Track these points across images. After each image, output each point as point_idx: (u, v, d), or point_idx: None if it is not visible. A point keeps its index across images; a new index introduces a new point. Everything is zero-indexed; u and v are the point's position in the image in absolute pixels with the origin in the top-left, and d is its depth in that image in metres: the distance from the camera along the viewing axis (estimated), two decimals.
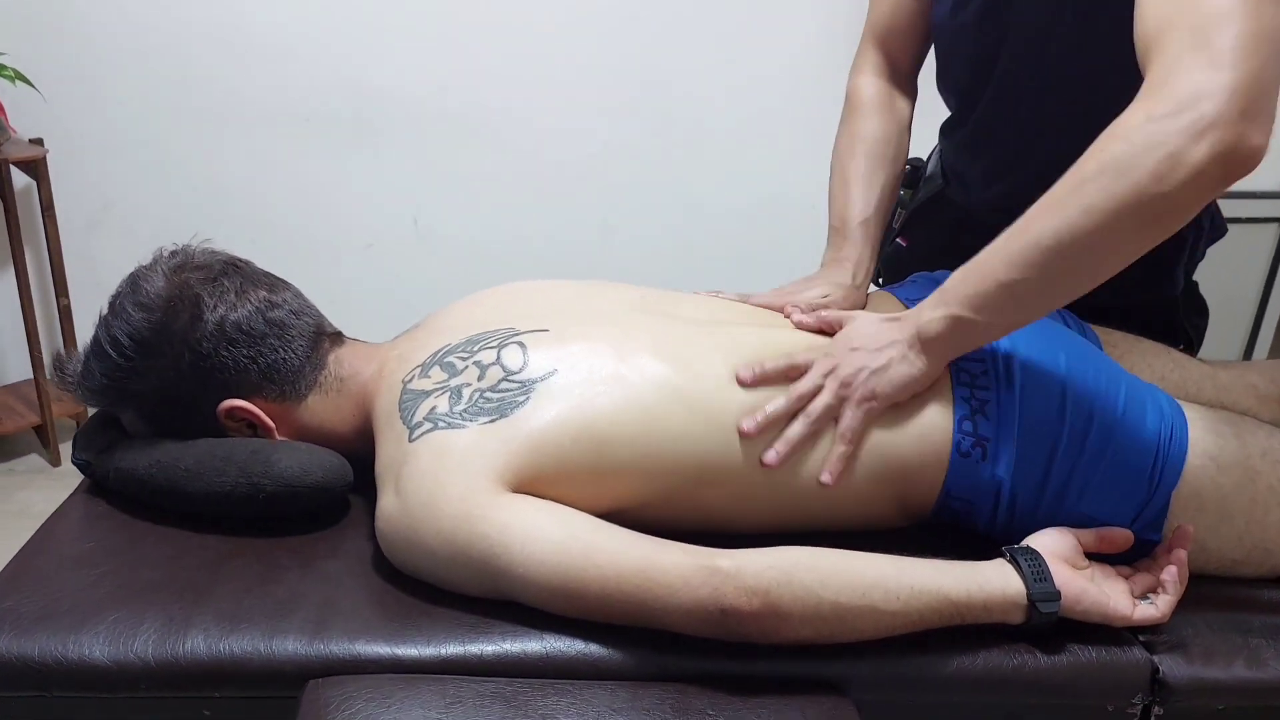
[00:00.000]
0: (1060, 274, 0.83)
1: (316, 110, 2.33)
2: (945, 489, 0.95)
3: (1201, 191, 0.76)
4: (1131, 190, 0.77)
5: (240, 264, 1.02)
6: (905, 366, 0.92)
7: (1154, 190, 0.76)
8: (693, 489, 0.92)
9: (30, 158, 2.15)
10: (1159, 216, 0.78)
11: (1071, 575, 0.86)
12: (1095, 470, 0.93)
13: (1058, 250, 0.81)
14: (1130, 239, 0.80)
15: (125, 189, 2.36)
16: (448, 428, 0.87)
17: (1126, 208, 0.77)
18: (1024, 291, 0.85)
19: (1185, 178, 0.75)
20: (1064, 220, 0.80)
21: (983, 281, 0.87)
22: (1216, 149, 0.74)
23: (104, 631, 0.82)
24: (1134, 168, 0.76)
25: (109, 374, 0.96)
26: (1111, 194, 0.77)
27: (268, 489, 0.92)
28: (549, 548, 0.81)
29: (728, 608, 0.79)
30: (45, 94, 2.17)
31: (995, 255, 0.86)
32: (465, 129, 2.39)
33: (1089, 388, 0.95)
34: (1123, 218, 0.78)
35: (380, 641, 0.83)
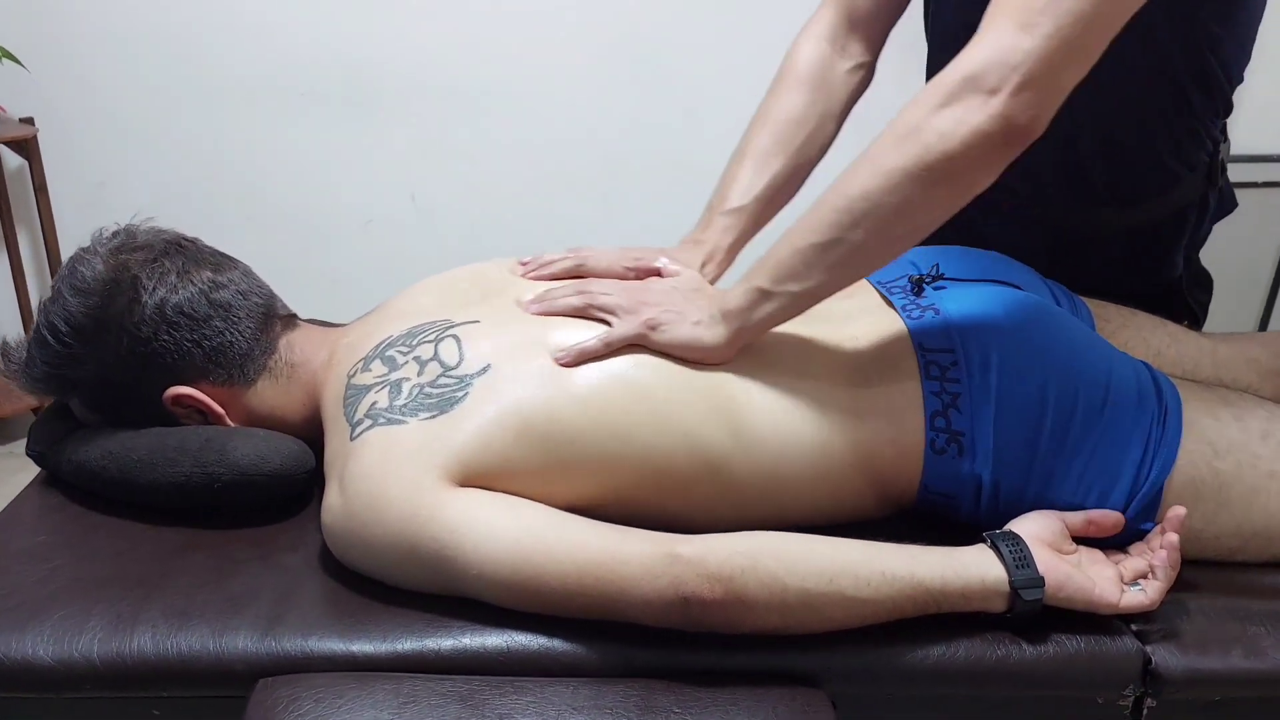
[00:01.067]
0: (859, 235, 0.82)
1: (312, 86, 2.29)
2: (923, 484, 0.91)
3: (986, 153, 0.77)
4: (919, 149, 0.77)
5: (186, 243, 0.98)
6: (700, 329, 0.89)
7: (939, 149, 0.76)
8: (653, 493, 0.88)
9: (21, 137, 2.12)
10: (948, 176, 0.78)
11: (1055, 561, 0.82)
12: (1081, 458, 0.88)
13: (852, 211, 0.81)
14: (922, 200, 0.79)
15: (118, 167, 2.33)
16: (388, 424, 0.84)
17: (915, 166, 0.77)
18: (823, 256, 0.83)
19: (968, 138, 0.75)
20: (857, 183, 0.80)
21: (781, 251, 0.85)
22: (996, 112, 0.75)
23: (49, 629, 0.79)
24: (923, 128, 0.77)
25: (49, 362, 0.93)
26: (902, 153, 0.78)
27: (223, 478, 0.89)
28: (503, 545, 0.78)
29: (690, 596, 0.76)
30: (34, 72, 2.14)
31: (797, 225, 0.85)
32: (462, 104, 2.34)
33: (1073, 370, 0.90)
34: (912, 176, 0.78)
35: (334, 638, 0.80)
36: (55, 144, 2.22)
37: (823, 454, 0.89)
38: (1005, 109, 0.75)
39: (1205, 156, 1.08)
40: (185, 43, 2.23)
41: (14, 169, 2.23)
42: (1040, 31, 0.74)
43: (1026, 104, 0.75)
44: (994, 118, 0.75)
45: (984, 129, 0.75)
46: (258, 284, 1.00)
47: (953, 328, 0.93)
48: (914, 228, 0.82)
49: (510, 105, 2.34)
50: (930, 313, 0.95)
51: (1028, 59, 0.74)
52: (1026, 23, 0.74)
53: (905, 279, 1.01)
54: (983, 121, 0.75)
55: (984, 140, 0.75)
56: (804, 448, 0.89)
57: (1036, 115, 0.76)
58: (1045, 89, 0.75)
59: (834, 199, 0.82)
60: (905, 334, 0.94)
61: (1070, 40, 0.74)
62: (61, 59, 2.21)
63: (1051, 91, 0.76)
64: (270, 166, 2.36)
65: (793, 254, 0.84)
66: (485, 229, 2.44)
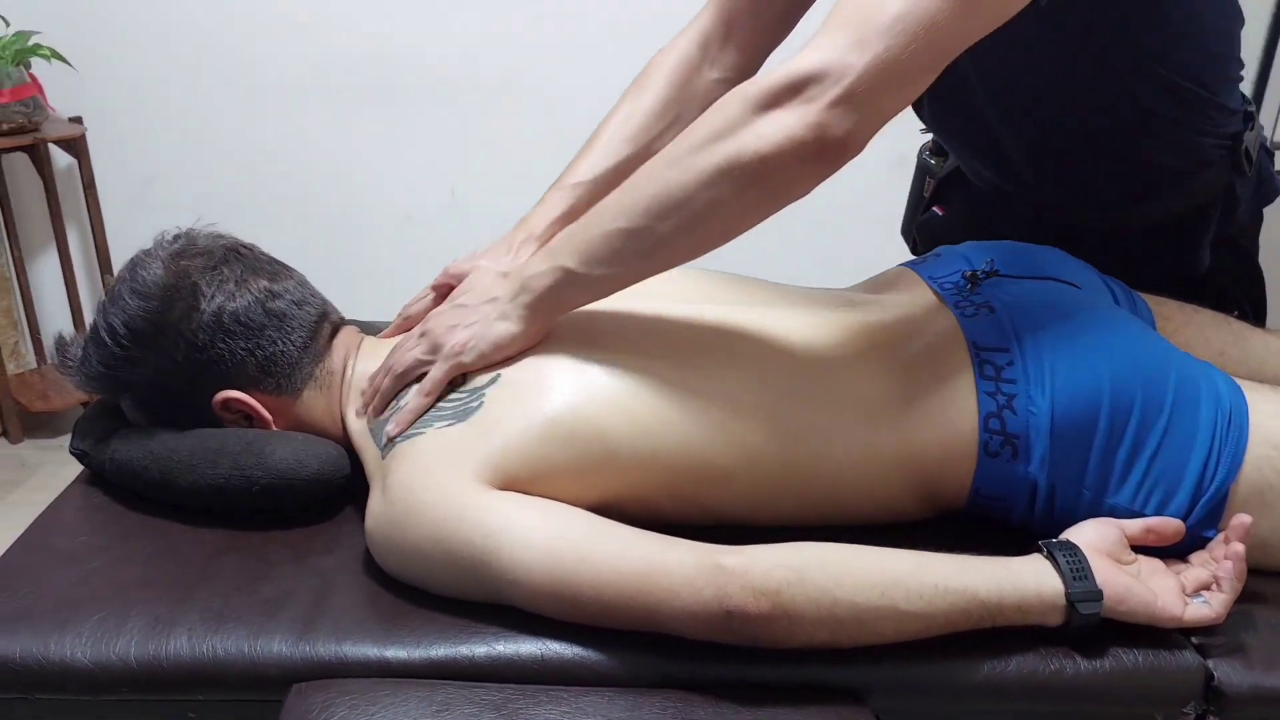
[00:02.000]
0: (668, 230, 0.79)
1: (352, 82, 2.30)
2: (974, 487, 0.88)
3: (799, 162, 0.74)
4: (735, 147, 0.75)
5: (244, 250, 0.98)
6: (503, 325, 0.87)
7: (754, 149, 0.74)
8: (692, 486, 0.86)
9: (69, 136, 2.15)
10: (760, 178, 0.75)
11: (1115, 572, 0.79)
12: (1141, 463, 0.85)
13: (664, 202, 0.78)
14: (735, 200, 0.77)
15: (164, 164, 2.36)
16: (409, 439, 0.85)
17: (730, 163, 0.75)
18: (632, 243, 0.81)
19: (782, 142, 0.73)
20: (672, 174, 0.78)
21: (591, 230, 0.82)
22: (812, 121, 0.72)
23: (88, 631, 0.79)
24: (740, 126, 0.75)
25: (105, 362, 0.93)
26: (716, 150, 0.75)
27: (261, 481, 0.89)
28: (539, 551, 0.76)
29: (734, 609, 0.73)
30: (82, 72, 2.16)
31: (607, 205, 0.82)
32: (500, 98, 2.33)
33: (1133, 372, 0.86)
34: (725, 172, 0.75)
35: (368, 642, 0.79)
36: (103, 142, 2.25)
37: (867, 451, 0.87)
38: (821, 119, 0.72)
39: (1219, 150, 1.03)
40: (228, 42, 2.25)
41: (63, 167, 2.26)
42: (871, 51, 0.72)
43: (842, 118, 0.73)
44: (809, 126, 0.73)
45: (799, 136, 0.73)
46: (312, 293, 1.00)
47: (1008, 326, 0.90)
48: (725, 228, 0.79)
49: (548, 99, 2.33)
50: (985, 310, 0.92)
51: (853, 76, 0.72)
52: (861, 40, 0.72)
53: (959, 274, 0.98)
54: (798, 128, 0.73)
55: (798, 148, 0.73)
56: (847, 444, 0.86)
57: (852, 132, 0.73)
58: (864, 108, 0.73)
59: (647, 184, 0.80)
60: (958, 331, 0.91)
61: (897, 67, 0.72)
62: (109, 59, 2.24)
63: (870, 112, 0.74)
64: (311, 162, 2.37)
65: (602, 237, 0.82)
66: None
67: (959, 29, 0.74)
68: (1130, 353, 0.88)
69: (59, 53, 2.10)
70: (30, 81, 2.10)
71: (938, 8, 0.72)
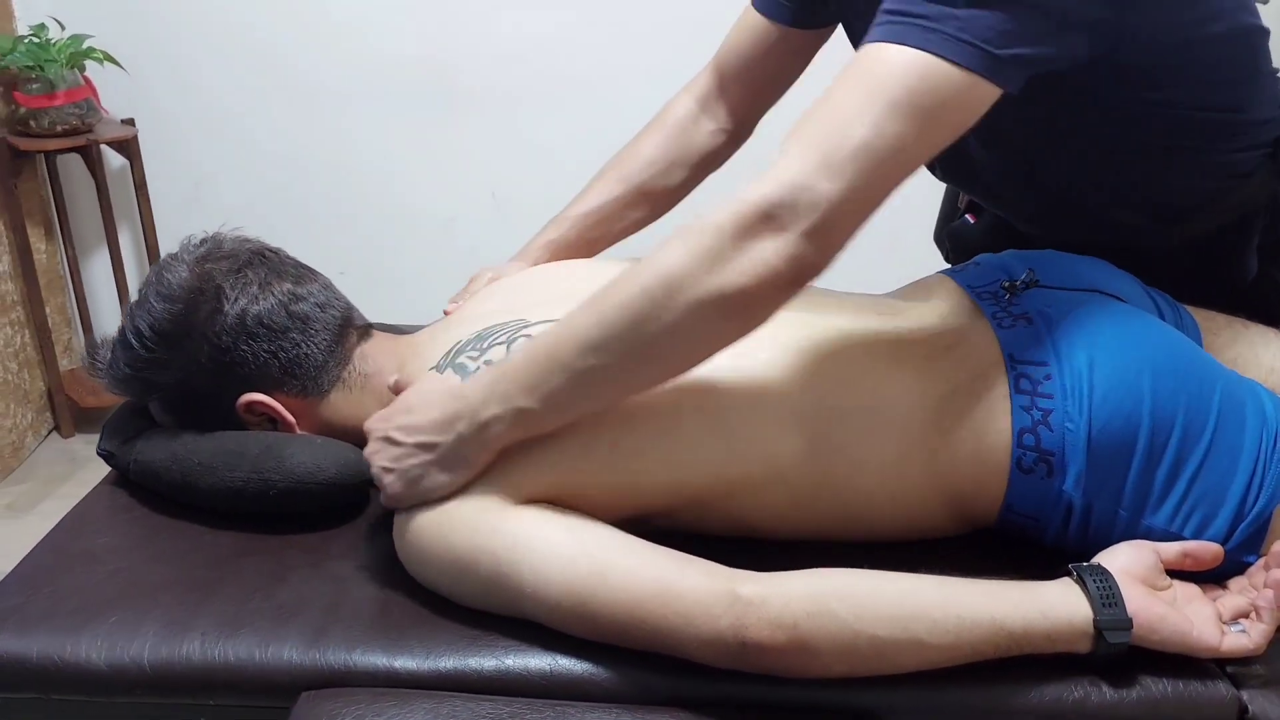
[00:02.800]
0: (631, 362, 0.76)
1: (396, 87, 2.31)
2: (1007, 504, 0.85)
3: (775, 290, 0.73)
4: (712, 285, 0.72)
5: (269, 254, 0.98)
6: (440, 478, 0.80)
7: (734, 285, 0.72)
8: (722, 499, 0.84)
9: (122, 137, 2.19)
10: (741, 311, 0.74)
11: (1147, 599, 0.76)
12: (1181, 484, 0.81)
13: (624, 338, 0.75)
14: (711, 332, 0.75)
15: (214, 166, 2.39)
16: None
17: (706, 301, 0.72)
18: (593, 380, 0.77)
19: (762, 274, 0.71)
20: (630, 304, 0.74)
21: (549, 366, 0.77)
22: (789, 253, 0.71)
23: (104, 634, 0.80)
24: (715, 262, 0.72)
25: (132, 364, 0.94)
26: (692, 285, 0.72)
27: (279, 485, 0.89)
28: (559, 566, 0.75)
29: (749, 641, 0.71)
30: (134, 75, 2.20)
31: (564, 334, 0.77)
32: (542, 102, 2.33)
33: (1175, 389, 0.83)
34: (701, 310, 0.73)
35: (378, 651, 0.78)
36: (155, 144, 2.28)
37: (899, 466, 0.85)
38: (798, 250, 0.71)
39: (1257, 159, 0.98)
40: (277, 46, 2.27)
41: (116, 168, 2.30)
42: (842, 179, 0.71)
43: (820, 248, 0.72)
44: (787, 258, 0.71)
45: (777, 268, 0.71)
46: (336, 296, 1.00)
47: (1046, 338, 0.87)
48: (691, 358, 0.78)
49: (590, 103, 2.32)
50: (1023, 322, 0.89)
51: (825, 206, 0.71)
52: (828, 165, 0.71)
53: (997, 284, 0.95)
54: (776, 261, 0.71)
55: (776, 278, 0.72)
56: (880, 458, 0.84)
57: (826, 258, 0.73)
58: (836, 236, 0.72)
59: (605, 321, 0.75)
60: (995, 343, 0.88)
61: (867, 193, 0.72)
62: (161, 62, 2.27)
63: (842, 238, 0.73)
64: (356, 165, 2.39)
65: (565, 377, 0.77)
66: None
67: (923, 149, 0.74)
68: (1173, 369, 0.85)
69: (112, 56, 2.14)
70: (84, 84, 2.15)
71: (900, 134, 0.71)
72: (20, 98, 2.08)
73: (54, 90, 2.07)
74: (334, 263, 2.47)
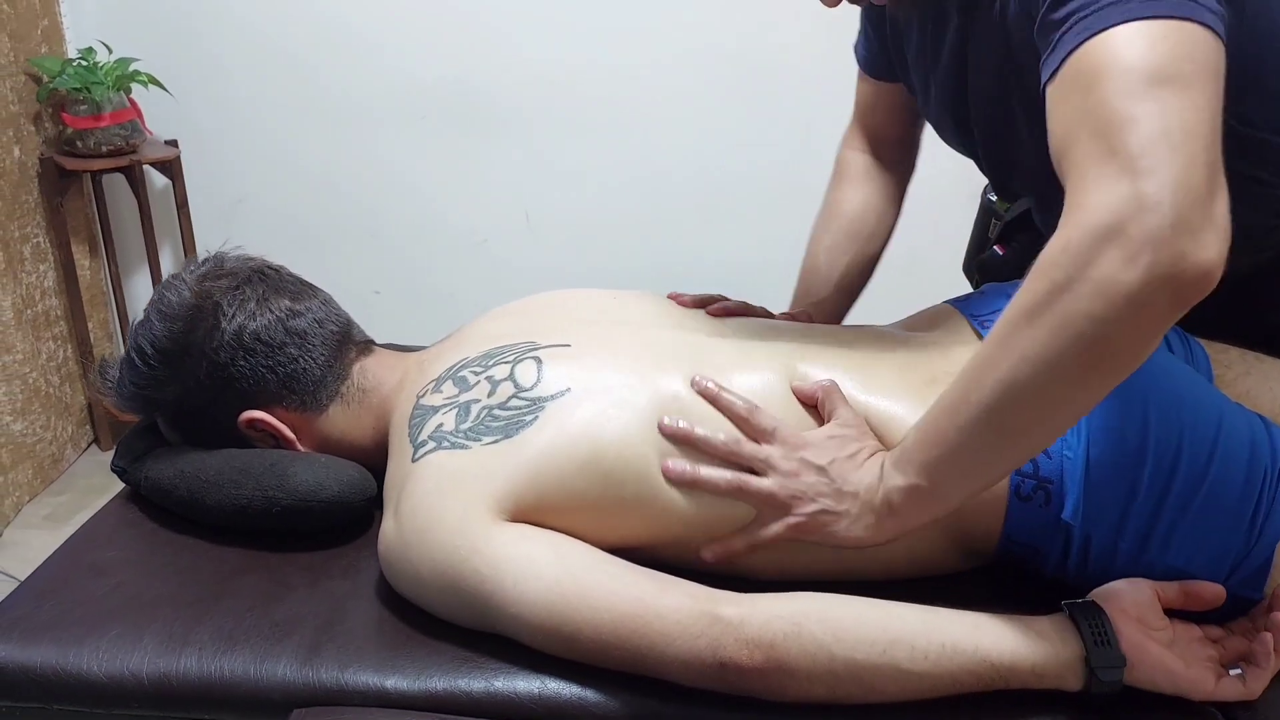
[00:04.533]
0: (1012, 433, 0.72)
1: (431, 109, 2.34)
2: (1005, 534, 0.84)
3: (1149, 324, 0.64)
4: (1066, 334, 0.65)
5: (269, 271, 1.00)
6: (854, 529, 0.80)
7: (1092, 333, 0.64)
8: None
9: (165, 158, 2.25)
10: (1105, 358, 0.66)
11: (1141, 638, 0.74)
12: (1183, 517, 0.80)
13: (1002, 410, 0.70)
14: (1079, 385, 0.68)
15: (254, 186, 2.44)
16: (451, 448, 0.83)
17: (1066, 354, 0.65)
18: (976, 458, 0.74)
19: (1123, 312, 0.63)
20: (1005, 375, 0.69)
21: (936, 447, 0.75)
22: (1155, 273, 0.61)
23: (105, 646, 0.81)
24: (1066, 313, 0.65)
25: (136, 382, 0.96)
26: (1046, 341, 0.66)
27: (282, 503, 0.91)
28: (542, 585, 0.76)
29: (727, 661, 0.72)
30: (177, 97, 2.26)
31: (944, 418, 0.75)
32: (575, 125, 2.35)
33: (1178, 422, 0.82)
34: (1065, 364, 0.66)
35: (369, 671, 0.79)
36: (196, 164, 2.34)
37: None
38: (1161, 269, 0.61)
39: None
40: (316, 70, 2.32)
41: (159, 188, 2.36)
42: (1159, 166, 0.62)
43: (1184, 251, 0.61)
44: (1150, 282, 0.62)
45: (1139, 299, 0.62)
46: (335, 312, 1.01)
47: None
48: (1076, 412, 0.72)
49: (622, 125, 2.34)
50: None
51: (1163, 199, 0.61)
52: (1132, 167, 0.63)
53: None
54: (1136, 290, 0.62)
55: (1143, 310, 0.63)
56: None
57: (1208, 259, 0.62)
58: (1200, 225, 0.62)
59: (980, 396, 0.71)
60: None
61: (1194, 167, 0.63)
62: (204, 85, 2.33)
63: (1209, 224, 0.62)
64: (392, 185, 2.42)
65: (950, 455, 0.75)
66: (597, 247, 2.44)
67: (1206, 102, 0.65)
68: (1176, 402, 0.83)
69: (156, 78, 2.20)
70: (129, 106, 2.21)
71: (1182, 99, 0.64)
72: (68, 119, 2.14)
73: (100, 112, 2.13)
74: (369, 282, 2.55)
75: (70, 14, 2.27)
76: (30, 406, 2.14)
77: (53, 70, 2.11)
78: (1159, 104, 0.64)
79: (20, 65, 2.10)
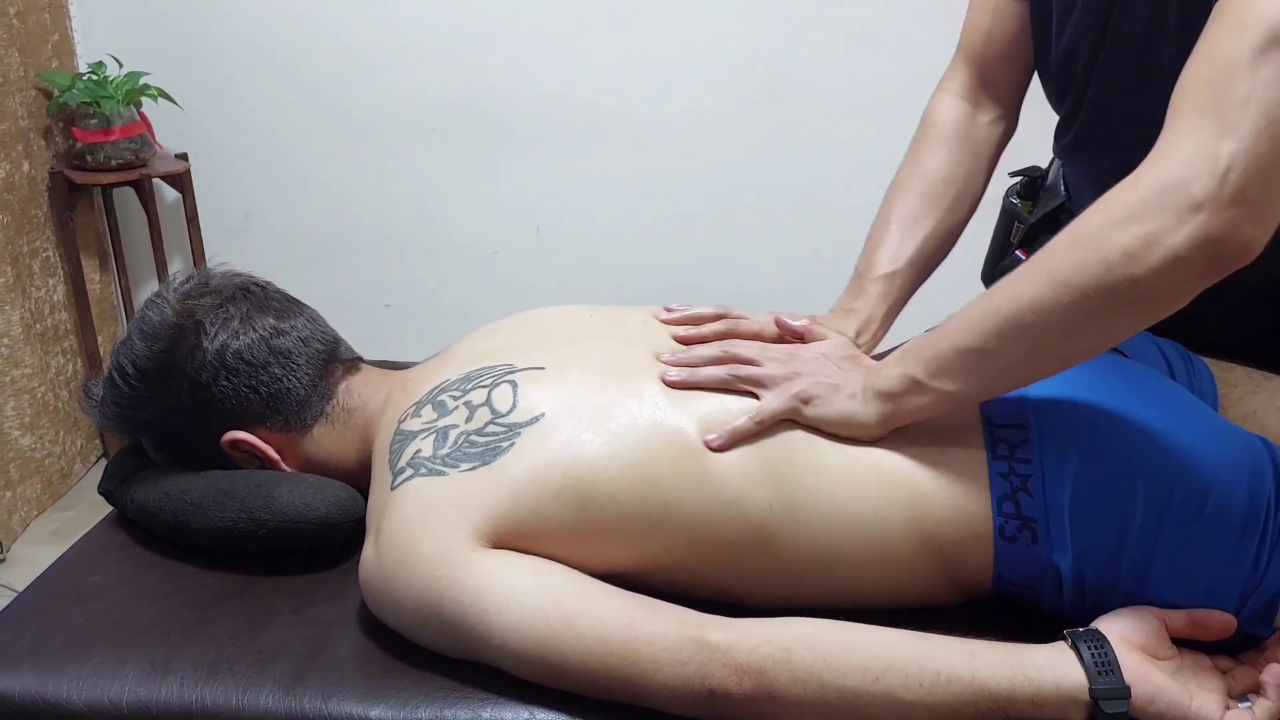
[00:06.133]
0: (1023, 347, 0.74)
1: (441, 122, 2.34)
2: (997, 573, 0.82)
3: (1182, 280, 0.67)
4: (1100, 267, 0.68)
5: (254, 288, 0.98)
6: (854, 403, 0.83)
7: (1124, 271, 0.67)
8: (698, 557, 0.82)
9: (174, 172, 2.25)
10: (1132, 300, 0.68)
11: (1146, 668, 0.72)
12: (1182, 550, 0.77)
13: (1019, 322, 0.73)
14: (1100, 320, 0.70)
15: (263, 200, 2.44)
16: (429, 474, 0.81)
17: (1094, 285, 0.68)
18: (983, 362, 0.76)
19: (1160, 263, 0.66)
20: (1029, 290, 0.72)
21: (942, 345, 0.79)
22: (1199, 234, 0.64)
23: (86, 673, 0.80)
24: (1106, 243, 0.67)
25: (118, 402, 0.95)
26: (1079, 268, 0.69)
27: (268, 525, 0.89)
28: (526, 615, 0.74)
29: (715, 688, 0.70)
30: (187, 110, 2.26)
31: (960, 319, 0.78)
32: (585, 138, 2.34)
33: (1172, 451, 0.79)
34: (1090, 295, 0.68)
35: (353, 701, 0.77)
36: (206, 178, 2.34)
37: (878, 530, 0.81)
38: (1208, 230, 0.64)
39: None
40: (325, 84, 2.32)
41: (169, 202, 2.36)
42: (1245, 130, 0.63)
43: (1235, 222, 0.64)
44: (1195, 240, 0.64)
45: (1180, 252, 0.65)
46: (322, 330, 1.00)
47: (1026, 400, 0.83)
48: (1086, 348, 0.74)
49: (633, 139, 2.33)
50: None
51: (1234, 165, 0.63)
52: (1225, 120, 0.64)
53: None
54: (1180, 244, 0.64)
55: (1179, 265, 0.65)
56: (858, 521, 0.81)
57: (1252, 236, 0.64)
58: (1259, 201, 0.64)
59: (1001, 303, 0.74)
60: (973, 405, 0.85)
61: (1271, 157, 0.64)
62: (214, 98, 2.33)
63: (1268, 203, 0.65)
64: (401, 200, 2.42)
65: (952, 353, 0.78)
66: (607, 261, 2.43)
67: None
68: (1169, 429, 0.80)
69: (166, 92, 2.20)
70: (139, 120, 2.21)
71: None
72: (78, 133, 2.15)
73: (110, 126, 2.14)
74: (379, 296, 2.54)
75: (81, 28, 2.28)
76: (39, 421, 2.14)
77: (63, 85, 2.11)
78: (1270, 70, 0.64)
79: (30, 80, 2.11)
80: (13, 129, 2.06)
